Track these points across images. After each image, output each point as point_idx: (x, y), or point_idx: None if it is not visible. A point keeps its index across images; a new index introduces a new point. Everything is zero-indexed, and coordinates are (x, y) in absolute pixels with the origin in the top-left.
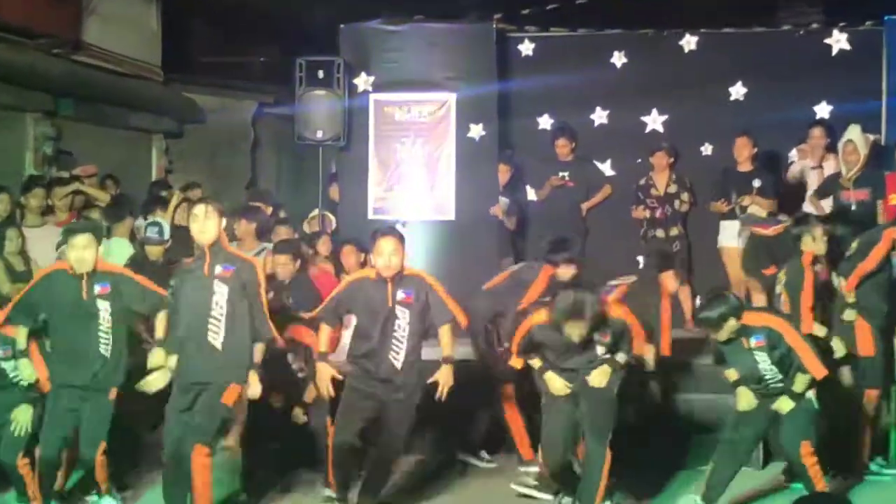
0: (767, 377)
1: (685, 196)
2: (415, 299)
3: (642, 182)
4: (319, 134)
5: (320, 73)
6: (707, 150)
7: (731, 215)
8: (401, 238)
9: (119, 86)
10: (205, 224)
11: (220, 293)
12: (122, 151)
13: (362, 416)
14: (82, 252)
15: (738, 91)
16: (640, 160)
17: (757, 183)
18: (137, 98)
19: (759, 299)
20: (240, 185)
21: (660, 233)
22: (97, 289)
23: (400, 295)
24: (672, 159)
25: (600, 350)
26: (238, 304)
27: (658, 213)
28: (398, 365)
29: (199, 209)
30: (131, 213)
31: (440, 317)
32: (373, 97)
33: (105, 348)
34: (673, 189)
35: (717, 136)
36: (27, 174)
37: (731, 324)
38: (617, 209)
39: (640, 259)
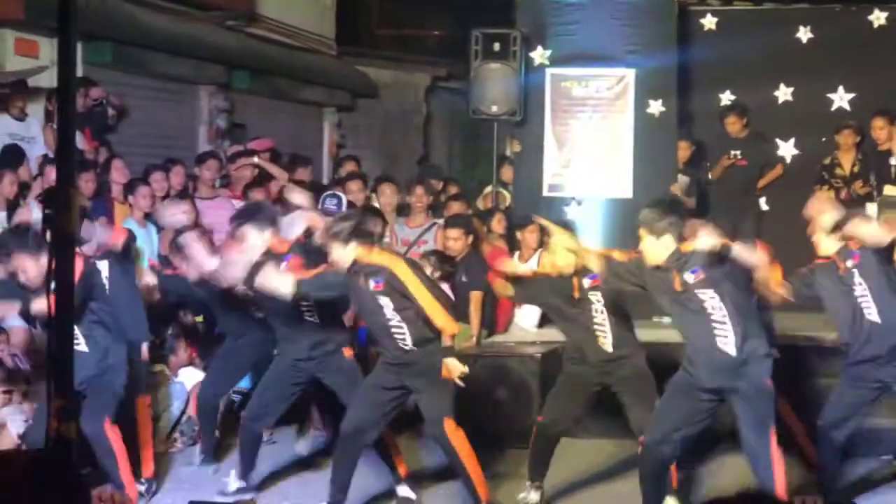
0: None
1: (871, 178)
2: None
3: (827, 161)
4: (494, 108)
5: (496, 46)
6: None
7: (870, 198)
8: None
9: (292, 59)
10: None
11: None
12: (294, 125)
13: None
14: None
15: None
16: (825, 139)
17: (894, 161)
18: (310, 71)
19: None
20: (412, 160)
21: None
22: None
23: None
24: (859, 138)
25: None
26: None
27: (843, 195)
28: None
29: None
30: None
31: None
32: (549, 71)
33: None
34: (858, 169)
35: None
36: (201, 147)
37: None
38: (800, 189)
39: None
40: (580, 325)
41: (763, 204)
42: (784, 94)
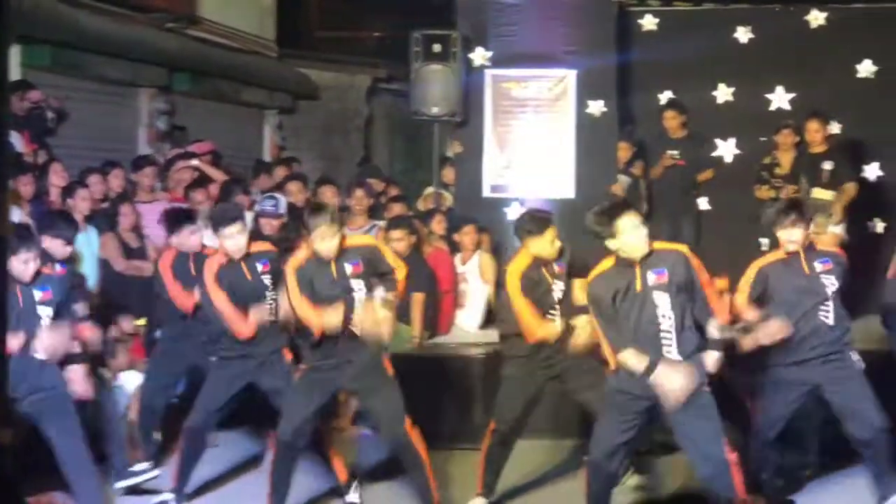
0: None
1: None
2: None
3: (767, 161)
4: (435, 110)
5: (436, 48)
6: (834, 128)
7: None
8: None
9: (233, 61)
10: None
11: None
12: (236, 127)
13: None
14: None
15: (866, 68)
16: (764, 139)
17: (828, 165)
18: (251, 73)
19: None
20: (353, 162)
21: None
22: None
23: None
24: (798, 138)
25: None
26: None
27: (783, 194)
28: None
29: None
30: (244, 192)
31: None
32: (490, 72)
33: None
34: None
35: (845, 114)
36: (141, 149)
37: None
38: (741, 189)
39: (762, 241)
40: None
41: (705, 203)
42: (724, 94)
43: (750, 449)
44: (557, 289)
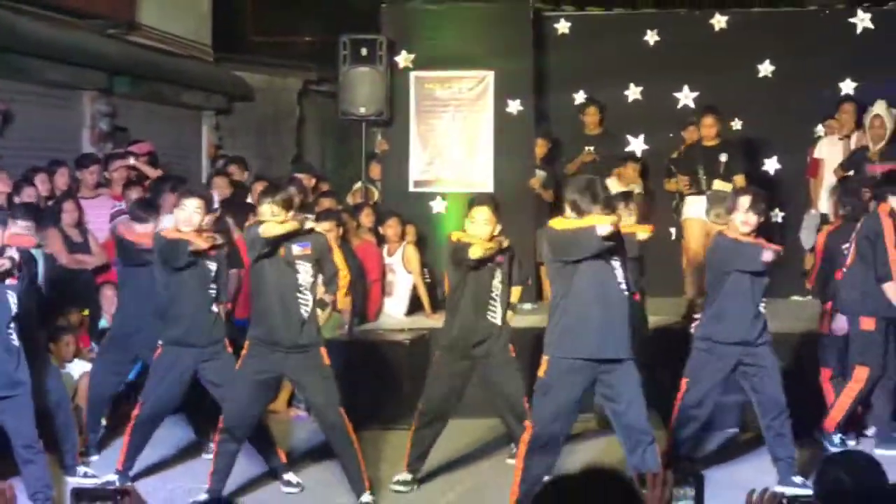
0: None
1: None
2: None
3: (675, 156)
4: (363, 110)
5: (363, 51)
6: (737, 124)
7: (696, 192)
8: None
9: (171, 65)
10: None
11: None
12: (174, 127)
13: None
14: None
15: (766, 69)
16: (672, 134)
17: (724, 157)
18: (189, 76)
19: None
20: (286, 160)
21: None
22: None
23: None
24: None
25: None
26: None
27: (682, 184)
28: None
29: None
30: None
31: None
32: (414, 74)
33: None
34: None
35: (747, 111)
36: (84, 149)
37: None
38: (651, 182)
39: (672, 231)
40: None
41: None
42: (633, 93)
43: (670, 424)
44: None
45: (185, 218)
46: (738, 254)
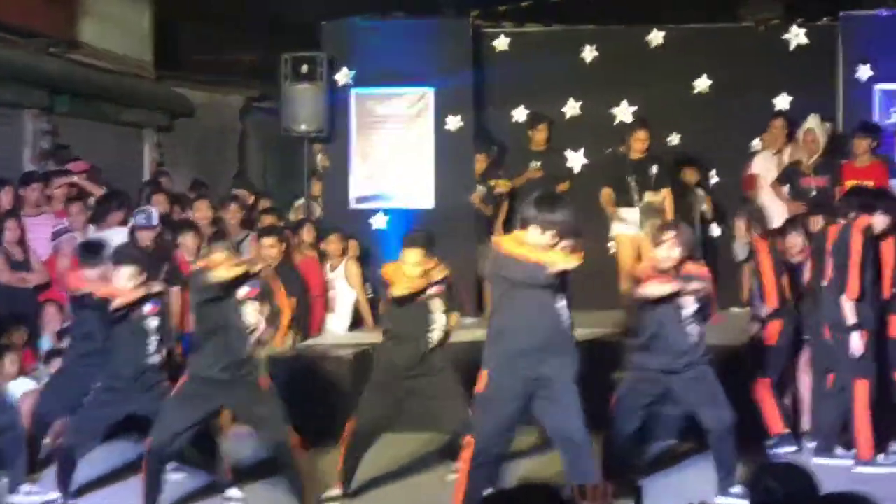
0: None
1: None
2: None
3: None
4: (304, 127)
5: (304, 69)
6: (674, 139)
7: (628, 204)
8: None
9: (113, 83)
10: None
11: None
12: (116, 144)
13: None
14: None
15: (702, 84)
16: (610, 149)
17: (654, 170)
18: (130, 94)
19: None
20: (228, 176)
21: None
22: None
23: None
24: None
25: None
26: None
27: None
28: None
29: None
30: (120, 207)
31: None
32: (354, 91)
33: None
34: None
35: (683, 126)
36: (26, 167)
37: None
38: (590, 196)
39: (611, 246)
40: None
41: None
42: (572, 108)
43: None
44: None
45: (120, 284)
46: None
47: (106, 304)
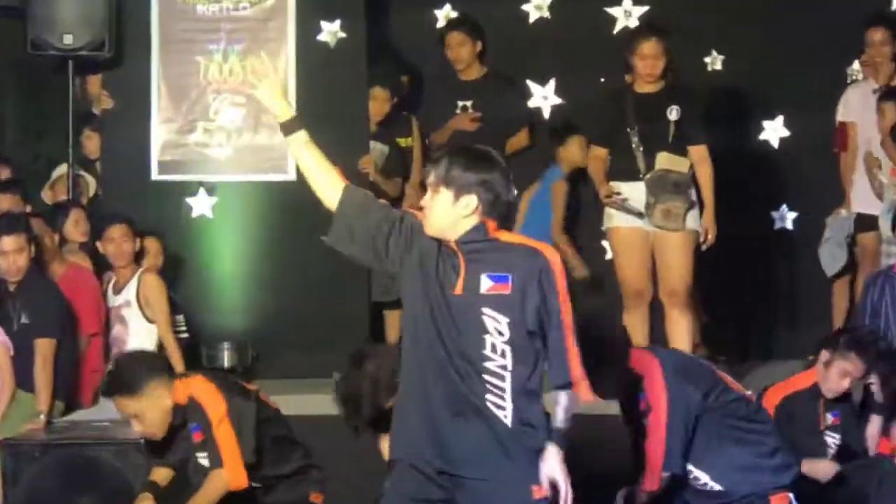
0: None
1: None
2: None
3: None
4: (68, 40)
5: None
6: (716, 62)
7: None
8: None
9: None
10: None
11: None
12: None
13: None
14: None
15: None
16: (602, 78)
17: (673, 114)
18: None
19: None
20: None
21: None
22: None
23: None
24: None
25: None
26: None
27: None
28: None
29: None
30: None
31: None
32: None
33: None
34: None
35: (731, 39)
36: None
37: None
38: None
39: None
40: None
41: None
42: (537, 5)
43: None
44: None
45: None
46: None
47: None
